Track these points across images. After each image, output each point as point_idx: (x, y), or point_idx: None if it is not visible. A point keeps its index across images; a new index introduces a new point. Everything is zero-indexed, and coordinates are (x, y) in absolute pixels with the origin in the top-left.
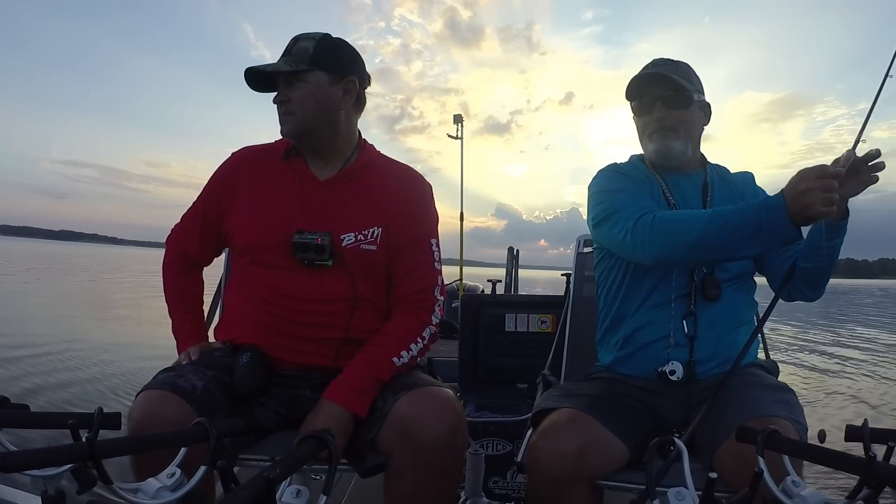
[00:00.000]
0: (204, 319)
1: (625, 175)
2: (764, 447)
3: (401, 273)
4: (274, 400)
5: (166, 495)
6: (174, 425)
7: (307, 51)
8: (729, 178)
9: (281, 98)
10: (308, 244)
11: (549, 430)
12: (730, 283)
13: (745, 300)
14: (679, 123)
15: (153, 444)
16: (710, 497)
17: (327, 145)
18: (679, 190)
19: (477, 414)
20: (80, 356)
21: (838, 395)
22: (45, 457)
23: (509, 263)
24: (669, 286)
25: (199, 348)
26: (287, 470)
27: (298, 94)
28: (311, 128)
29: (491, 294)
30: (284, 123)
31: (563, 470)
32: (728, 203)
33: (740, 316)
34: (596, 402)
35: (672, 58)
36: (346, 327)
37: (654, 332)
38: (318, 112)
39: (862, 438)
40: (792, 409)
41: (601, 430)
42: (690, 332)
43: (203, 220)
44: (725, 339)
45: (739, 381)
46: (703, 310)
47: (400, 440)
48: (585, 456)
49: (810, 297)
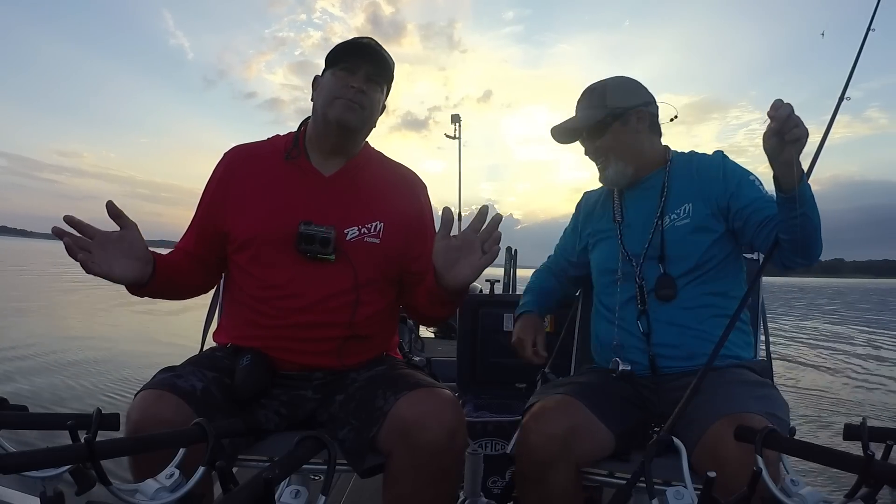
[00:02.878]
0: (158, 266)
1: (577, 209)
2: (763, 446)
3: (421, 268)
4: (275, 400)
5: (165, 496)
6: (173, 426)
7: (391, 64)
8: (695, 164)
9: (361, 87)
10: (314, 236)
11: (540, 413)
12: (686, 277)
13: (714, 290)
14: (605, 150)
15: (152, 445)
16: (709, 496)
17: (350, 146)
18: (633, 203)
19: (475, 414)
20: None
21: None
22: (44, 458)
23: (507, 263)
24: (614, 296)
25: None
26: (286, 470)
27: (374, 95)
28: (364, 129)
29: (489, 294)
30: (350, 110)
31: (550, 452)
32: (686, 196)
33: (709, 306)
34: (584, 388)
35: (593, 83)
36: (349, 323)
37: (608, 334)
38: (374, 118)
39: (860, 437)
40: (770, 404)
41: (589, 415)
42: (644, 329)
43: (203, 226)
44: (691, 332)
45: (720, 377)
46: (658, 308)
47: (400, 441)
48: (572, 439)
49: (803, 263)
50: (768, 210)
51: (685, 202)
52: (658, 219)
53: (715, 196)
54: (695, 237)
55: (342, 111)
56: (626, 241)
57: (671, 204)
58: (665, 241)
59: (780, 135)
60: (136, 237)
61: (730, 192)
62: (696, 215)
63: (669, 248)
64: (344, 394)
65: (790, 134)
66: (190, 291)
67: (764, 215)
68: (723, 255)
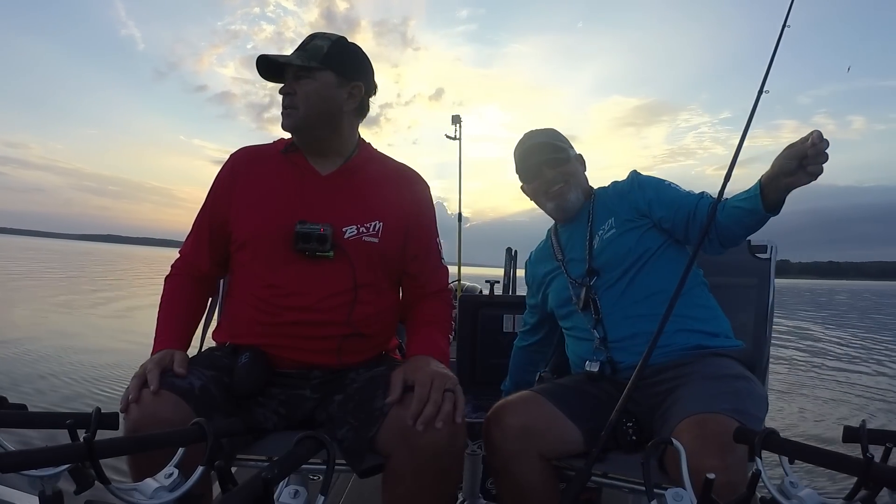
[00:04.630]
0: (194, 331)
1: (526, 270)
2: (762, 448)
3: (417, 270)
4: (273, 400)
5: (164, 495)
6: (171, 425)
7: (321, 49)
8: (611, 189)
9: (287, 90)
10: (310, 234)
11: (501, 408)
12: (629, 273)
13: (661, 276)
14: (567, 176)
15: (151, 444)
16: (708, 498)
17: (326, 144)
18: (567, 237)
19: (475, 414)
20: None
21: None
22: (43, 457)
23: (507, 264)
24: (575, 318)
25: (173, 355)
26: (285, 470)
27: (304, 89)
28: (312, 125)
29: (489, 295)
30: (286, 117)
31: (510, 443)
32: (608, 213)
33: (659, 292)
34: (555, 388)
35: (535, 128)
36: (347, 321)
37: (578, 348)
38: (320, 110)
39: (859, 439)
40: (740, 399)
41: (552, 410)
42: (601, 335)
43: (210, 227)
44: (644, 318)
45: (694, 369)
46: (611, 310)
47: (399, 442)
48: (533, 432)
49: (737, 244)
50: (689, 203)
51: (608, 218)
52: (588, 240)
53: (633, 204)
54: (623, 238)
55: (283, 120)
56: (570, 270)
57: (597, 224)
58: (596, 254)
59: (804, 161)
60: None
61: (648, 198)
62: (619, 222)
63: (605, 257)
64: (343, 394)
65: (815, 167)
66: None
67: (687, 210)
68: (657, 245)
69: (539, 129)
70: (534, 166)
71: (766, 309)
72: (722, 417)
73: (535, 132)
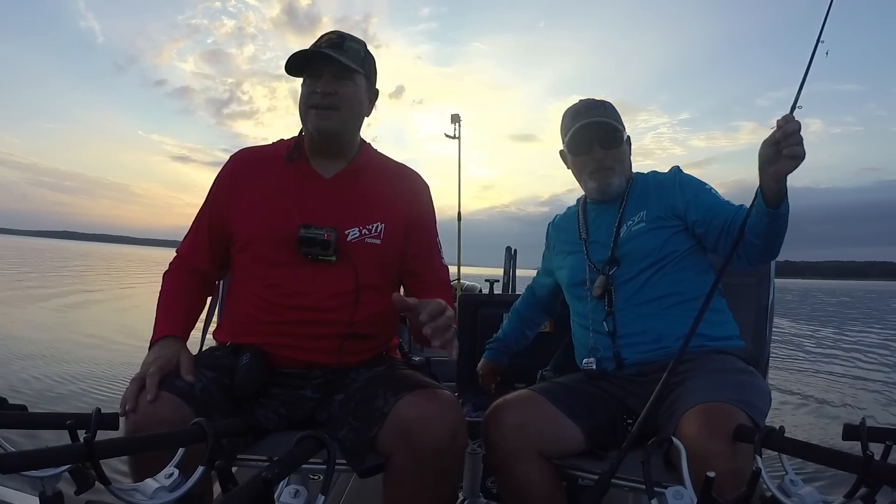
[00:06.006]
0: (194, 322)
1: (547, 236)
2: (762, 446)
3: (418, 268)
4: (274, 400)
5: (164, 496)
6: (172, 425)
7: (359, 53)
8: (651, 179)
9: (327, 89)
10: (314, 239)
11: (499, 407)
12: (648, 271)
13: (678, 279)
14: (615, 162)
15: (151, 445)
16: (709, 496)
17: (340, 148)
18: (595, 216)
19: (475, 414)
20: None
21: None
22: (44, 457)
23: (507, 263)
24: (585, 304)
25: (178, 359)
26: (285, 470)
27: (347, 92)
28: (346, 128)
29: (489, 294)
30: (325, 118)
31: (508, 441)
32: (641, 205)
33: (674, 294)
34: (554, 387)
35: (595, 98)
36: (349, 322)
37: (584, 338)
38: (356, 114)
39: (859, 437)
40: (746, 391)
41: (551, 409)
42: (610, 329)
43: (209, 226)
44: (655, 318)
45: (698, 365)
46: (624, 305)
47: (400, 441)
48: (529, 429)
49: (765, 260)
50: (727, 213)
51: (640, 210)
52: (616, 227)
53: (670, 202)
54: (651, 235)
55: (316, 121)
56: (591, 253)
57: (628, 213)
58: (621, 243)
59: (779, 146)
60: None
61: (686, 200)
62: (650, 217)
63: (628, 249)
64: (343, 394)
65: (789, 149)
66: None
67: (724, 218)
68: (683, 249)
69: (597, 103)
70: (587, 143)
71: (766, 308)
72: (728, 406)
73: (593, 106)
